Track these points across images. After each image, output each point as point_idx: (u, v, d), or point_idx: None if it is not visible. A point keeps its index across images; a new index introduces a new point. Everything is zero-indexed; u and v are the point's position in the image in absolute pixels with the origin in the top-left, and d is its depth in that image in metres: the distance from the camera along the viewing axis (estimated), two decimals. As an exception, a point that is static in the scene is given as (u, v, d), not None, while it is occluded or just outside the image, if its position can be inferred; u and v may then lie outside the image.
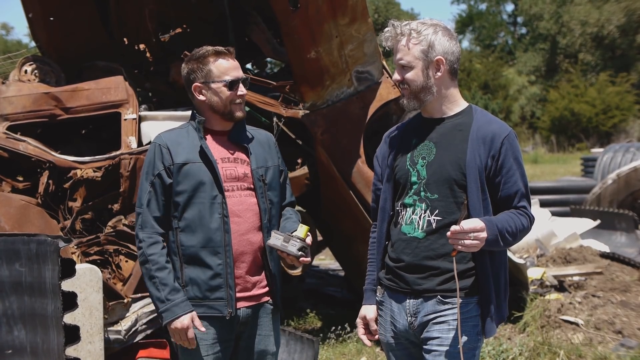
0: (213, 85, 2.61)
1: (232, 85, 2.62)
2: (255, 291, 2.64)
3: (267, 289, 2.67)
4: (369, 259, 2.61)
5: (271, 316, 2.69)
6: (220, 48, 2.65)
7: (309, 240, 2.56)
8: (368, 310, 2.58)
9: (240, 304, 2.60)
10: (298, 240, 2.51)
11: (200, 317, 2.56)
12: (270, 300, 2.69)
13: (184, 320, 2.49)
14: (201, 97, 2.64)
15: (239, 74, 2.66)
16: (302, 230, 2.55)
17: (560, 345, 4.82)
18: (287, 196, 2.83)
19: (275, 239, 2.55)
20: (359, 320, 2.61)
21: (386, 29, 2.39)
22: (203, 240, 2.54)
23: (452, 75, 2.42)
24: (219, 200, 2.55)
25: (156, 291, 2.52)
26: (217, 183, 2.56)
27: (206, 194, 2.55)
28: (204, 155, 2.57)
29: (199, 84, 2.63)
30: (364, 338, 2.60)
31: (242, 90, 2.64)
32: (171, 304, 2.50)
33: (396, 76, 2.41)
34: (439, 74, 2.37)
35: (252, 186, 2.64)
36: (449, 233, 2.20)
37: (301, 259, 2.52)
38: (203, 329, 2.53)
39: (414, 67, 2.35)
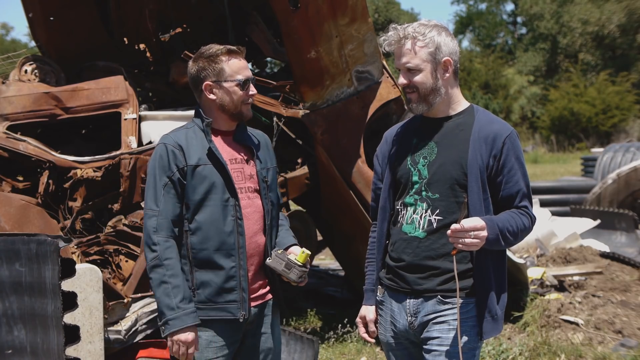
0: (225, 85, 2.56)
1: (244, 84, 2.59)
2: (261, 291, 2.66)
3: (268, 287, 2.69)
4: (368, 258, 2.61)
5: (272, 313, 2.71)
6: (233, 47, 2.61)
7: (309, 265, 2.60)
8: (368, 311, 2.58)
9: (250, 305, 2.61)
10: (299, 269, 2.55)
11: (211, 320, 2.53)
12: (272, 298, 2.70)
13: (189, 335, 2.42)
14: (211, 96, 2.58)
15: (249, 73, 2.63)
16: (303, 256, 2.57)
17: (560, 345, 4.82)
18: (280, 197, 2.83)
19: (277, 263, 2.56)
20: (358, 320, 2.62)
21: (388, 33, 2.36)
22: (217, 243, 2.50)
23: (455, 75, 2.42)
24: (232, 202, 2.52)
25: (166, 298, 2.41)
26: (229, 185, 2.52)
27: (218, 196, 2.51)
28: (214, 157, 2.53)
29: (210, 83, 2.57)
30: (365, 336, 2.61)
31: (252, 90, 2.62)
32: (182, 312, 2.41)
33: (402, 80, 2.37)
34: (447, 74, 2.36)
35: (257, 187, 2.63)
36: (449, 231, 2.19)
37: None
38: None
39: (423, 69, 2.33)
